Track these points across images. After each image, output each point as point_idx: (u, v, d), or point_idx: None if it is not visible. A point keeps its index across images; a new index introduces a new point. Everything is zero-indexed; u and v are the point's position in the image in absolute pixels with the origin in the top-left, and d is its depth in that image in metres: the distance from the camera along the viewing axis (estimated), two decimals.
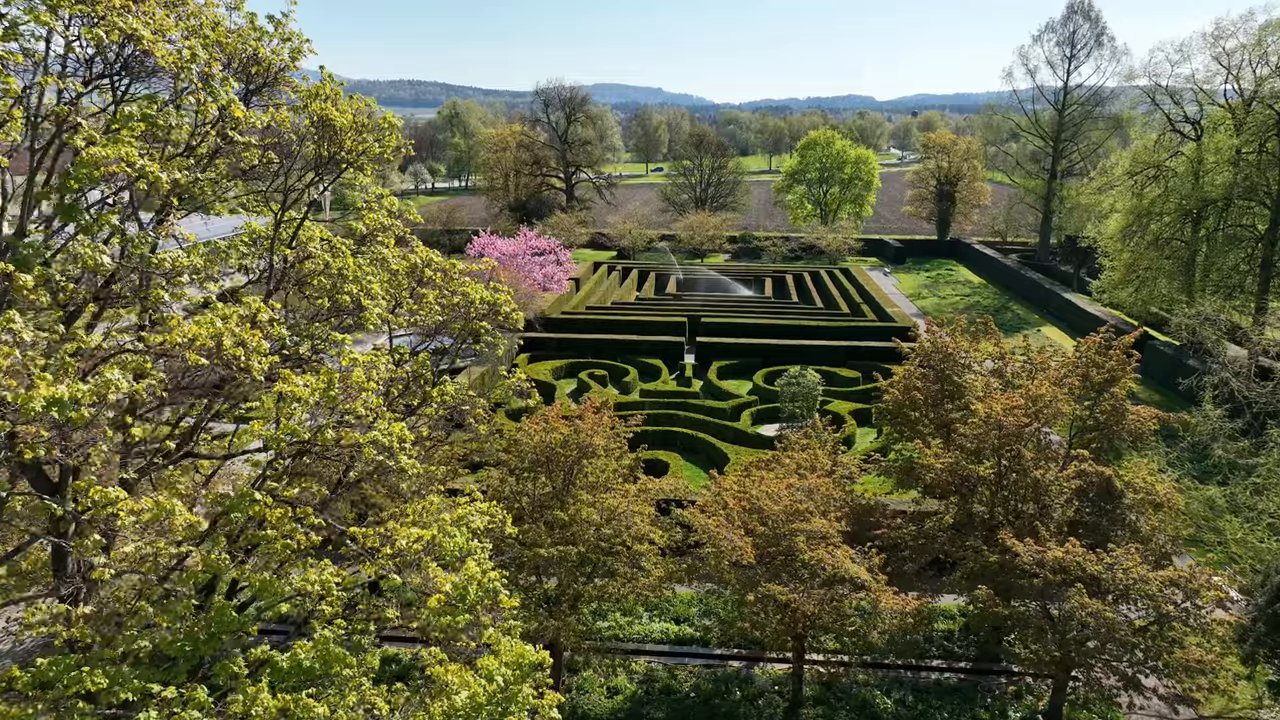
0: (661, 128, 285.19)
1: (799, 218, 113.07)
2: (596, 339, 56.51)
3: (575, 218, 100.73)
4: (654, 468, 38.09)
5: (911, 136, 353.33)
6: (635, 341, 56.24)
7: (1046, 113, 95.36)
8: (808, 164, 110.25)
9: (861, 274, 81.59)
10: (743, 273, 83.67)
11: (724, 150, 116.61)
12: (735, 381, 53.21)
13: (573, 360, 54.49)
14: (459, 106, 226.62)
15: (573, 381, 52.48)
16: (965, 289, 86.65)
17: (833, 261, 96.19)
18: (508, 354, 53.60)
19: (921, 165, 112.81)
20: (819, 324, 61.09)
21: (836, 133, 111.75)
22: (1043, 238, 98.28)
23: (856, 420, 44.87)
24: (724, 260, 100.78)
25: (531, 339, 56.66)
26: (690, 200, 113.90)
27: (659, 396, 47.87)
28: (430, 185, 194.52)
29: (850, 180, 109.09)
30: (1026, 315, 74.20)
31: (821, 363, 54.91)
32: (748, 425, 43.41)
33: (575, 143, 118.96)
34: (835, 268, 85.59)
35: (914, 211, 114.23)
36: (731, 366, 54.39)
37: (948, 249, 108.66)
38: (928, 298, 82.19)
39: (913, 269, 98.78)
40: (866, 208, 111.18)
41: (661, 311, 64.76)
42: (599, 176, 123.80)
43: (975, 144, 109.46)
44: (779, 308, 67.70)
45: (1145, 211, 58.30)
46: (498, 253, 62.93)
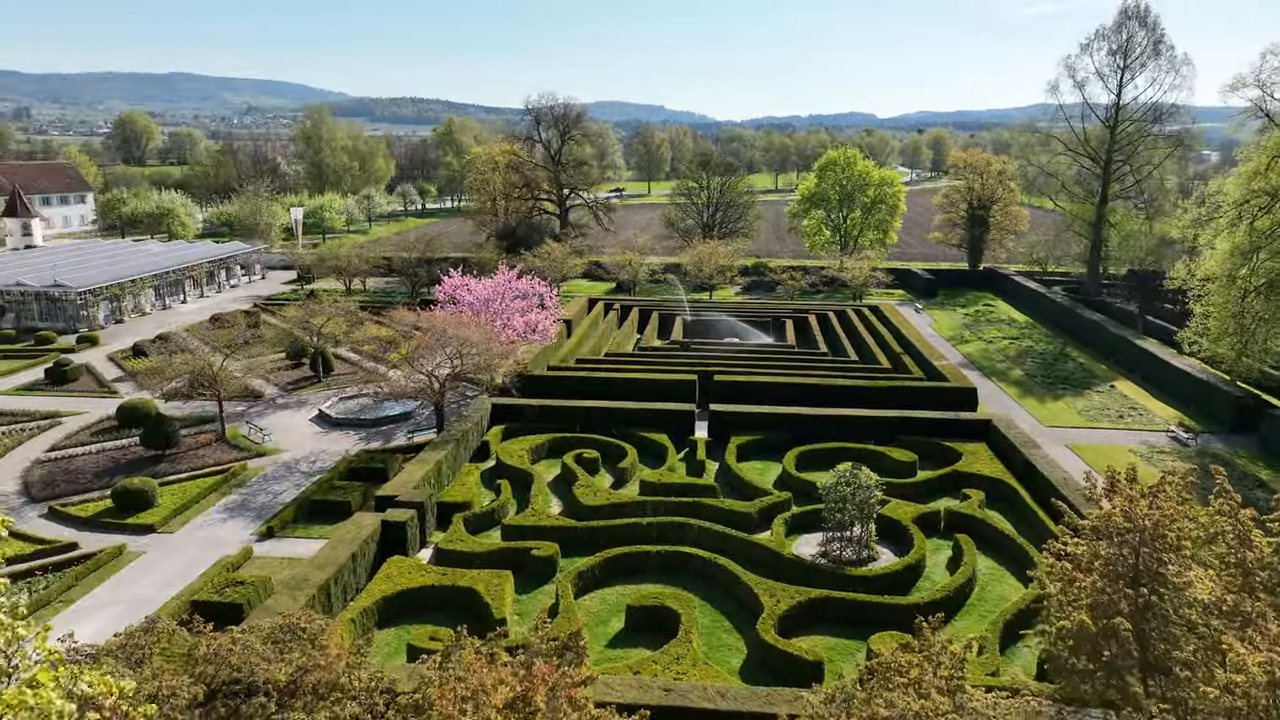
0: (664, 145, 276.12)
1: (816, 245, 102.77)
2: (587, 407, 45.92)
3: (569, 246, 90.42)
4: (657, 620, 27.47)
5: (920, 154, 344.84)
6: (634, 411, 45.65)
7: (1096, 130, 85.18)
8: (826, 186, 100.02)
9: (893, 313, 71.14)
10: (758, 312, 73.18)
11: (732, 169, 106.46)
12: (760, 463, 42.59)
13: (557, 434, 43.89)
14: (454, 124, 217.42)
15: (555, 464, 41.89)
16: (1011, 330, 76.10)
17: (856, 296, 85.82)
18: (477, 427, 43.06)
19: (950, 187, 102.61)
20: (858, 384, 50.48)
21: (858, 152, 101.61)
22: (1091, 269, 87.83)
23: (921, 527, 34.25)
24: (735, 294, 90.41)
25: (507, 407, 46.10)
26: (696, 225, 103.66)
27: (664, 493, 37.25)
28: (420, 206, 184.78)
29: (874, 204, 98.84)
30: (1091, 365, 63.57)
31: (865, 437, 44.36)
32: (782, 540, 32.76)
33: (570, 163, 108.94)
34: (863, 305, 75.14)
35: (943, 238, 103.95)
36: (754, 443, 43.80)
37: (982, 280, 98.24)
38: (971, 341, 71.59)
39: (946, 304, 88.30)
40: (891, 234, 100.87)
41: (666, 367, 54.24)
42: (595, 199, 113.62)
43: (1011, 164, 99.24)
44: (806, 360, 57.15)
45: (1255, 248, 47.87)
46: (472, 297, 52.54)
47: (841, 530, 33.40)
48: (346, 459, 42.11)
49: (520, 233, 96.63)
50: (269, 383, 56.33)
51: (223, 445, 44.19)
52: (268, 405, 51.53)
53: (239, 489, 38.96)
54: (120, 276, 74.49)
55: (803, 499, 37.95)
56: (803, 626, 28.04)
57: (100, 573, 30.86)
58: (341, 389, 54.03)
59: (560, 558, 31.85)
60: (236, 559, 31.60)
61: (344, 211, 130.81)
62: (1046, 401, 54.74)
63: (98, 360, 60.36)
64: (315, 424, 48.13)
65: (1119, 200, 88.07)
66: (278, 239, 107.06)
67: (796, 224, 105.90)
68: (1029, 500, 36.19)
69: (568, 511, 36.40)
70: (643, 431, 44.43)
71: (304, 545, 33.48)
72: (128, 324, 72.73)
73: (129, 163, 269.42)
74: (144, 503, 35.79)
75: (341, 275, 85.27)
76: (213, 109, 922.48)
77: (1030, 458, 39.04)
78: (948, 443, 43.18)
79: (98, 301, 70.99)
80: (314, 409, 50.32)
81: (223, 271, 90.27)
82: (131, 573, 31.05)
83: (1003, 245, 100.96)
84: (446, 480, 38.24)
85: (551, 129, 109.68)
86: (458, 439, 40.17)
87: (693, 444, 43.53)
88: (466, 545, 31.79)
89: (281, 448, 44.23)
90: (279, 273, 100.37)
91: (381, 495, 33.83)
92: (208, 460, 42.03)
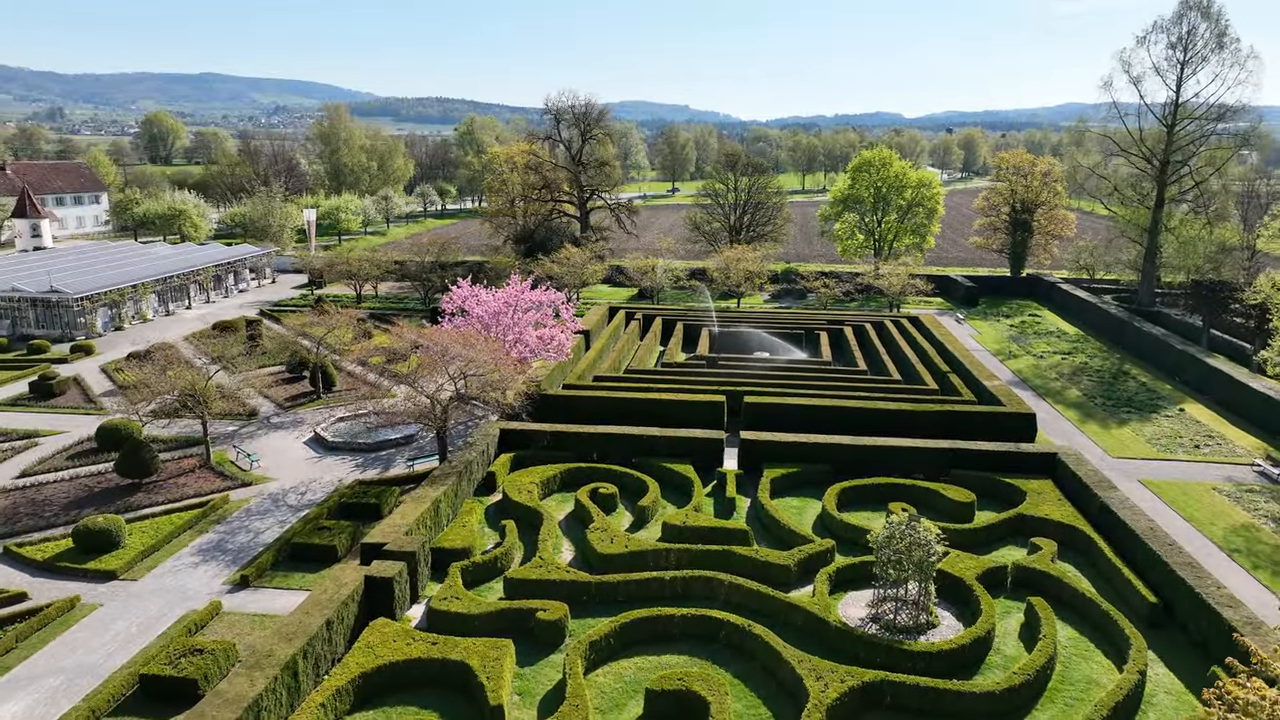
0: (689, 145, 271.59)
1: (849, 249, 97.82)
2: (605, 434, 41.65)
3: (589, 250, 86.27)
4: (682, 707, 23.16)
5: (951, 154, 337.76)
6: (657, 439, 41.32)
7: (1152, 129, 79.68)
8: (860, 188, 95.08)
9: (935, 324, 66.28)
10: (789, 322, 68.52)
11: (761, 169, 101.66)
12: (796, 500, 38.13)
13: (572, 465, 39.66)
14: (475, 123, 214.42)
15: (569, 499, 37.72)
16: (1061, 343, 70.87)
17: (893, 305, 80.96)
18: (482, 456, 38.99)
19: (992, 189, 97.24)
20: (904, 409, 45.80)
21: (894, 152, 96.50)
22: (1145, 277, 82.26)
23: (986, 585, 29.66)
24: (764, 302, 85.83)
25: (517, 433, 41.96)
26: (722, 228, 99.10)
27: (690, 538, 32.94)
28: (440, 207, 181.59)
29: (911, 207, 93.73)
30: (1155, 385, 58.34)
31: (914, 469, 39.80)
32: (826, 602, 28.28)
33: (591, 163, 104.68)
34: (901, 316, 70.29)
35: (983, 243, 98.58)
36: (790, 476, 39.32)
37: (1025, 288, 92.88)
38: (1020, 356, 66.49)
39: (988, 313, 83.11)
40: (929, 239, 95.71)
41: (692, 386, 49.84)
42: (616, 199, 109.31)
43: (1057, 165, 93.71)
44: (844, 379, 52.50)
45: None
46: (482, 309, 48.47)
47: (895, 587, 28.92)
48: (339, 491, 38.18)
49: (539, 236, 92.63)
50: (266, 398, 52.70)
51: (207, 472, 40.45)
52: (261, 425, 47.80)
53: (218, 525, 35.12)
54: (121, 281, 71.37)
55: (847, 546, 33.55)
56: (856, 715, 23.63)
57: (45, 632, 27.07)
58: (343, 405, 50.15)
59: (570, 619, 27.65)
60: (202, 615, 27.71)
61: (360, 212, 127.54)
62: (1110, 427, 49.72)
63: (89, 372, 57.07)
64: (310, 448, 44.30)
65: (1176, 203, 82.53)
66: (290, 241, 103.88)
67: (828, 228, 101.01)
68: (1110, 554, 31.43)
69: (580, 561, 32.21)
70: (666, 462, 40.13)
71: (282, 598, 29.54)
72: (128, 331, 69.59)
73: (155, 162, 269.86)
74: (108, 544, 32.03)
75: (352, 280, 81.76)
76: (242, 109, 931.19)
77: (1107, 501, 34.27)
78: (1008, 479, 38.48)
79: (95, 308, 67.87)
80: (310, 430, 46.52)
81: (231, 275, 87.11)
82: (81, 632, 27.22)
83: (1047, 251, 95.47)
84: (445, 520, 34.15)
85: (572, 128, 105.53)
86: (460, 471, 36.08)
87: (721, 477, 39.22)
88: (463, 604, 27.65)
89: (270, 475, 40.40)
90: (290, 276, 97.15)
91: (369, 543, 29.77)
92: (188, 490, 38.28)
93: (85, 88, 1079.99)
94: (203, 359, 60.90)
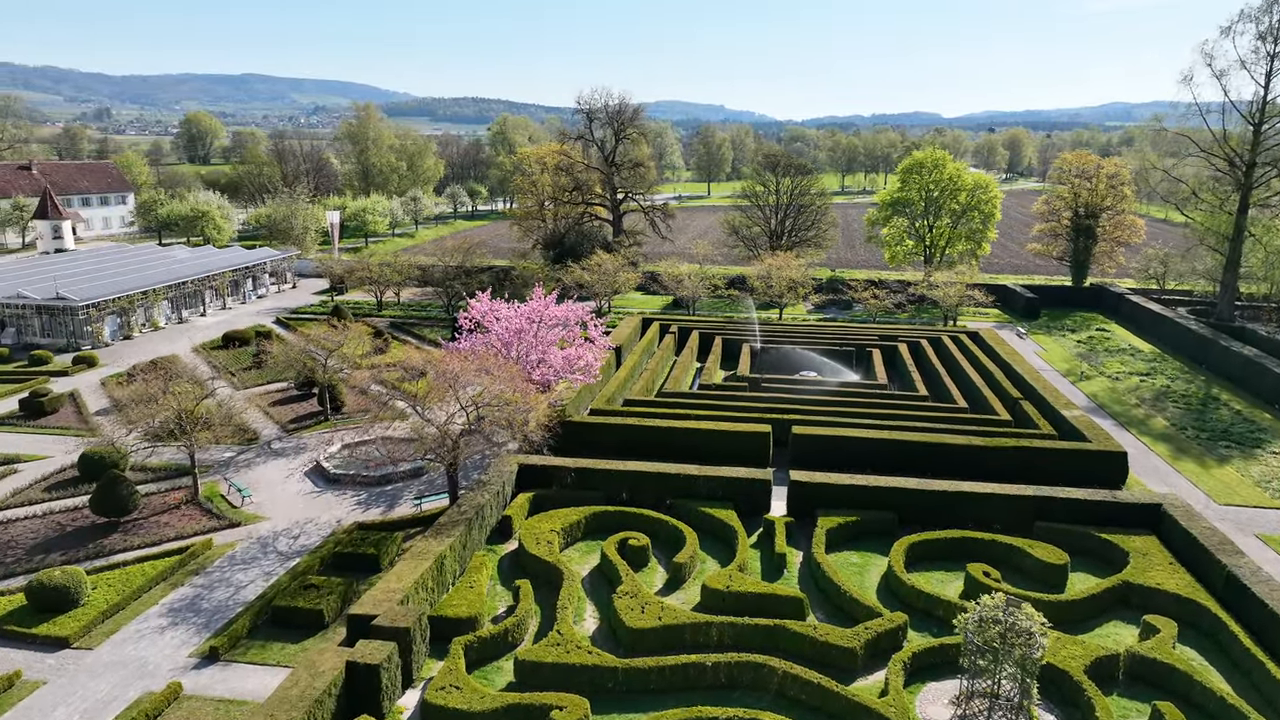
0: (725, 145, 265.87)
1: (897, 256, 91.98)
2: (636, 471, 36.82)
3: (622, 257, 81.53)
4: None
5: (995, 155, 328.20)
6: (695, 478, 36.40)
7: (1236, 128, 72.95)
8: (911, 190, 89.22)
9: (998, 341, 60.58)
10: (838, 337, 63.06)
11: (805, 170, 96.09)
12: (857, 555, 33.01)
13: (598, 509, 34.89)
14: (507, 122, 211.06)
15: (593, 550, 33.02)
16: (1137, 362, 64.61)
17: (947, 317, 75.14)
18: (497, 498, 34.41)
19: (1053, 192, 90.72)
20: (974, 444, 40.40)
21: (947, 153, 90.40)
22: (1225, 288, 75.45)
23: (1095, 679, 24.35)
24: (806, 311, 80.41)
25: (537, 469, 37.30)
26: (762, 233, 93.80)
27: (734, 607, 28.01)
28: (470, 208, 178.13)
29: (966, 212, 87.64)
30: (1252, 414, 52.11)
31: (991, 520, 34.48)
32: (902, 703, 23.20)
33: (625, 164, 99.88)
34: (960, 332, 64.59)
35: (1043, 249, 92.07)
36: (849, 526, 34.19)
37: (1089, 298, 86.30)
38: (1093, 378, 60.43)
39: (1051, 327, 76.89)
40: (985, 245, 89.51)
41: (733, 413, 44.80)
42: (650, 200, 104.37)
43: (1124, 167, 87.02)
44: (904, 407, 47.09)
45: None
46: (500, 327, 43.88)
47: (986, 681, 23.77)
48: (335, 536, 33.83)
49: (569, 241, 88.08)
50: (269, 418, 48.70)
51: (193, 509, 36.36)
52: (261, 451, 43.72)
53: (196, 577, 30.91)
54: (132, 287, 68.11)
55: (920, 616, 28.41)
56: None
57: None
58: (352, 427, 45.64)
59: (591, 717, 22.90)
60: (158, 701, 23.39)
61: (387, 214, 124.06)
62: (1209, 466, 43.77)
63: (88, 387, 53.59)
64: (309, 480, 40.06)
65: (1262, 209, 75.74)
66: (314, 244, 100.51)
67: (874, 233, 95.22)
68: (1249, 645, 25.87)
69: (605, 635, 27.42)
70: (705, 506, 35.22)
71: (254, 677, 25.15)
72: (137, 341, 66.27)
73: (194, 161, 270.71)
74: (65, 602, 27.92)
75: (373, 287, 77.89)
76: (282, 109, 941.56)
77: (1235, 571, 28.68)
78: (1104, 534, 33.00)
79: (103, 316, 64.61)
80: (312, 458, 42.32)
81: (250, 280, 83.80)
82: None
83: (1112, 258, 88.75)
84: (451, 578, 29.58)
85: (605, 127, 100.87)
86: (470, 519, 31.50)
87: (768, 525, 34.22)
88: (464, 696, 23.01)
89: (262, 514, 36.20)
90: (312, 281, 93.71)
91: (357, 614, 25.28)
92: (169, 532, 34.19)
93: (132, 89, 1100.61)
94: (208, 372, 57.31)
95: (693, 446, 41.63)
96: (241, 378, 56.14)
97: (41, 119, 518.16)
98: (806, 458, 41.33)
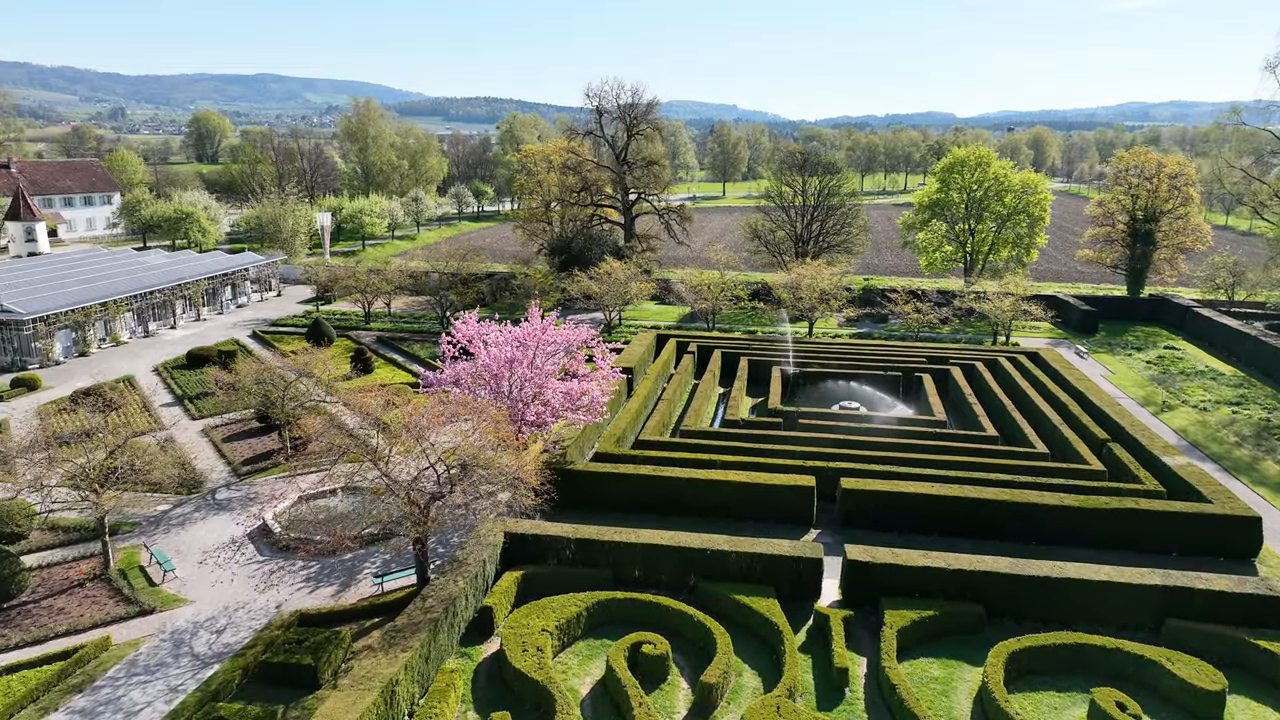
0: (741, 144, 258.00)
1: (935, 263, 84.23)
2: (650, 544, 29.38)
3: (634, 264, 74.17)
4: None
5: (1020, 155, 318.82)
6: (725, 555, 28.93)
7: None
8: (952, 192, 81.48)
9: (1065, 365, 52.96)
10: (881, 359, 55.33)
11: (834, 169, 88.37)
12: (938, 666, 25.49)
13: (603, 596, 27.51)
14: (516, 120, 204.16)
15: (596, 654, 25.65)
16: (1221, 387, 56.66)
17: (997, 333, 67.34)
18: (475, 583, 27.10)
19: (1109, 195, 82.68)
20: (1070, 504, 32.79)
21: (992, 151, 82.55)
22: None
23: None
24: (838, 327, 72.72)
25: (528, 540, 29.91)
26: (787, 237, 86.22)
27: None
28: (475, 209, 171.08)
29: (1012, 215, 79.79)
30: None
31: (1106, 615, 26.90)
32: None
33: (637, 162, 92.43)
34: (1017, 352, 56.94)
35: (1095, 256, 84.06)
36: (925, 623, 26.65)
37: (1148, 310, 78.26)
38: (1176, 408, 52.54)
39: (1113, 344, 68.95)
40: (1033, 252, 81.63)
41: (766, 458, 37.21)
42: (668, 204, 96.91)
43: (1190, 168, 78.95)
44: (971, 450, 39.38)
45: None
46: (487, 356, 36.51)
47: None
48: (269, 632, 26.55)
49: (576, 246, 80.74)
50: (221, 458, 41.67)
51: (100, 589, 29.25)
52: (201, 503, 36.62)
53: (77, 696, 23.76)
54: (91, 297, 61.34)
55: None
56: None
57: None
58: (312, 470, 38.44)
59: None
60: None
61: (386, 215, 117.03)
62: None
63: (22, 415, 46.68)
64: (253, 543, 32.91)
65: None
66: (303, 249, 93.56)
67: (910, 237, 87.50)
68: None
69: None
70: (739, 593, 27.78)
71: None
72: (94, 358, 59.45)
73: (202, 160, 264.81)
74: None
75: (361, 296, 70.77)
76: (295, 109, 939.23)
77: None
78: (1254, 639, 25.37)
79: (53, 331, 57.82)
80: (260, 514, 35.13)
81: (228, 289, 76.93)
82: None
83: (1174, 267, 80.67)
84: (405, 709, 22.27)
85: (616, 122, 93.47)
86: (436, 619, 24.19)
87: (821, 621, 26.76)
88: None
89: (184, 595, 29.04)
90: (299, 289, 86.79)
91: None
92: (61, 622, 27.07)
93: (147, 88, 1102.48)
94: (164, 398, 50.35)
95: (720, 503, 34.37)
96: (199, 405, 49.16)
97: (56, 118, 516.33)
98: (859, 517, 34.01)
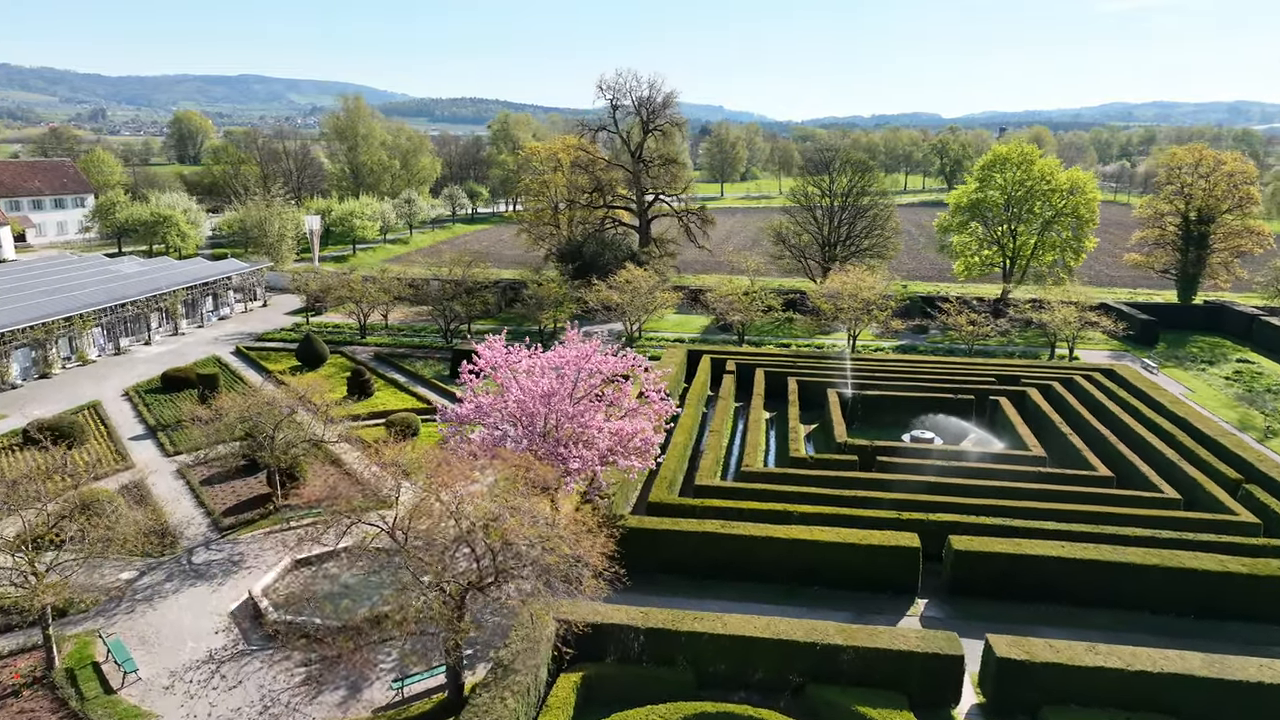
0: (739, 144, 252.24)
1: (972, 268, 78.55)
2: (740, 638, 23.21)
3: (655, 272, 68.04)
4: None
5: None
6: (839, 652, 22.78)
7: None
8: (992, 192, 75.82)
9: (1151, 385, 47.33)
10: (946, 378, 49.26)
11: (864, 167, 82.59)
12: None
13: (692, 709, 21.31)
14: (509, 120, 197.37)
15: None
16: None
17: (1053, 346, 61.58)
18: (525, 698, 20.87)
19: (1162, 195, 77.14)
20: (1235, 570, 26.85)
21: (1036, 148, 76.92)
22: None
23: None
24: (875, 336, 66.74)
25: (586, 633, 23.63)
26: (813, 241, 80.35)
27: None
28: (469, 211, 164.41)
29: (1058, 217, 74.18)
30: None
31: None
32: None
33: (654, 160, 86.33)
34: (1093, 369, 51.21)
35: (1144, 261, 78.57)
36: None
37: (1205, 319, 72.81)
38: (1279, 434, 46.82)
39: (1179, 357, 63.34)
40: (1080, 256, 76.06)
41: (852, 514, 30.86)
42: (687, 205, 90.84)
43: (1250, 166, 73.58)
44: (1087, 494, 33.35)
45: None
46: (519, 389, 30.21)
47: None
48: None
49: (588, 251, 74.55)
50: (199, 506, 35.30)
51: (38, 700, 22.85)
52: (175, 568, 30.23)
53: None
54: (52, 311, 54.70)
55: None
56: None
57: None
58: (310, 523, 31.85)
59: None
60: None
61: (378, 218, 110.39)
62: None
63: None
64: (236, 625, 26.54)
65: None
66: (290, 254, 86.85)
67: (945, 240, 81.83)
68: None
69: None
70: (862, 704, 21.66)
71: None
72: (57, 379, 52.81)
73: (184, 161, 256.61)
74: None
75: (356, 308, 64.26)
76: (279, 109, 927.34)
77: None
78: None
79: (8, 350, 51.13)
80: (247, 586, 28.76)
81: (210, 299, 70.25)
82: None
83: (1230, 272, 75.27)
84: None
85: (631, 117, 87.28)
86: None
87: None
88: None
89: (149, 710, 22.68)
90: (287, 298, 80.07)
91: None
92: None
93: (128, 89, 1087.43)
94: (134, 429, 43.82)
95: (803, 567, 28.28)
96: (175, 438, 42.70)
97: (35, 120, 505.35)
98: (971, 583, 28.02)
